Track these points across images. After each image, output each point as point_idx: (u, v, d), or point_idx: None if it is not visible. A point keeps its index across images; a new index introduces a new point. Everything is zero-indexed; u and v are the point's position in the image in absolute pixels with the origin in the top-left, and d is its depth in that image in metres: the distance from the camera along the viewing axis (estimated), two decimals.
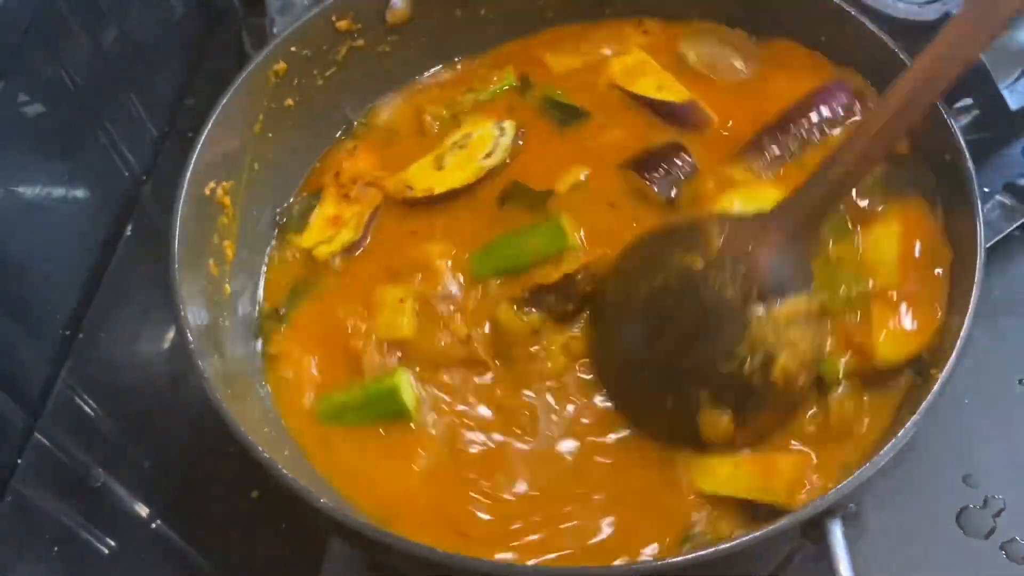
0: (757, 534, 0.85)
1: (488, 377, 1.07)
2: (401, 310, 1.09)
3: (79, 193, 1.48)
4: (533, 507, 1.00)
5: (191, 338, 1.01)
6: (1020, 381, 1.26)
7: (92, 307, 1.45)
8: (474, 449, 1.03)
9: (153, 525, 1.26)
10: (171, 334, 1.44)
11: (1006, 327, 1.23)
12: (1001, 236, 1.25)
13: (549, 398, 1.05)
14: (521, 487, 1.01)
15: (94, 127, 1.49)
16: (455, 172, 1.21)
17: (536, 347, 1.06)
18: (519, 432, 1.03)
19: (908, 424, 0.90)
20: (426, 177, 1.21)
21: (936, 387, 0.92)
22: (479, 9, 1.32)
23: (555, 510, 0.99)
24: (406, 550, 0.85)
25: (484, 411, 1.05)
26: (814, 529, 0.88)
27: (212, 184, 1.13)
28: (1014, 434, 1.22)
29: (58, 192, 1.43)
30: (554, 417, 1.02)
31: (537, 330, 1.06)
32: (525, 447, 1.02)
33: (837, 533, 0.87)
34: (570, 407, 1.04)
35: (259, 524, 1.22)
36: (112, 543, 1.25)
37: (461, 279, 1.12)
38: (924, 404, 0.91)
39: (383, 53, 1.32)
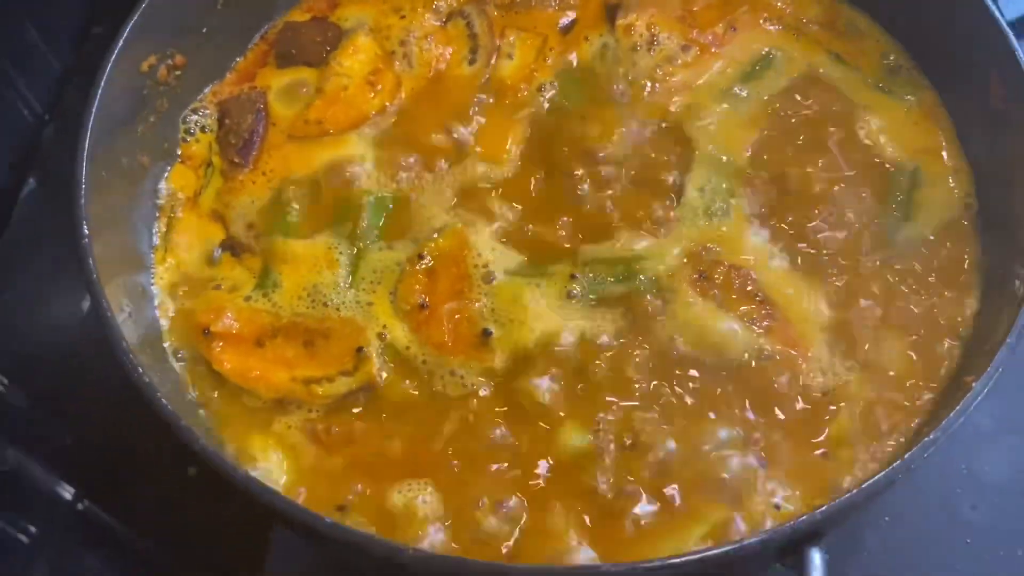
0: (725, 549, 0.81)
1: None
2: None
3: None
4: None
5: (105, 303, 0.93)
6: None
7: None
8: None
9: (80, 506, 1.17)
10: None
11: None
12: None
13: None
14: None
15: None
16: None
17: None
18: None
19: (906, 457, 0.86)
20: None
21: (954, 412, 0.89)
22: None
23: None
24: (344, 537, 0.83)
25: None
26: (791, 555, 0.84)
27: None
28: None
29: None
30: None
31: None
32: None
33: (816, 561, 0.83)
34: None
35: (199, 500, 1.12)
36: (32, 529, 1.16)
37: None
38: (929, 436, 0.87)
39: None
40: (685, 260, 1.09)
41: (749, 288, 1.07)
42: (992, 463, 1.17)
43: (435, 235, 1.11)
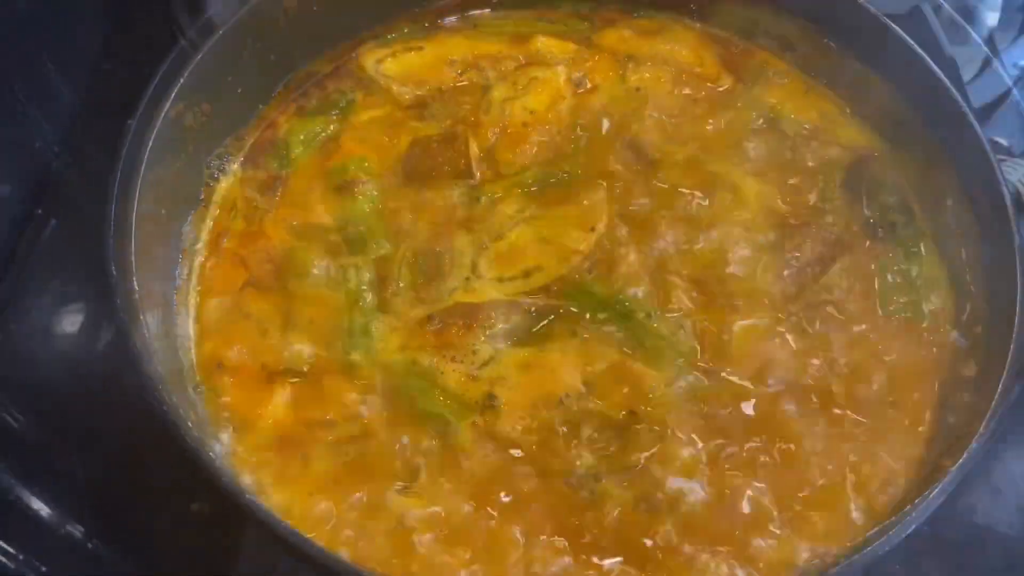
0: None
1: None
2: None
3: None
4: None
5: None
6: None
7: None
8: None
9: (89, 545, 1.16)
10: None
11: None
12: None
13: None
14: None
15: (2, 91, 1.33)
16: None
17: None
18: None
19: (919, 504, 0.90)
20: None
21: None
22: None
23: None
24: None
25: None
26: None
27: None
28: None
29: None
30: None
31: None
32: None
33: None
34: None
35: (208, 537, 1.12)
36: (43, 568, 1.13)
37: None
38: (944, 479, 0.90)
39: None
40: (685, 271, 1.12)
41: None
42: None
43: (447, 295, 1.12)
